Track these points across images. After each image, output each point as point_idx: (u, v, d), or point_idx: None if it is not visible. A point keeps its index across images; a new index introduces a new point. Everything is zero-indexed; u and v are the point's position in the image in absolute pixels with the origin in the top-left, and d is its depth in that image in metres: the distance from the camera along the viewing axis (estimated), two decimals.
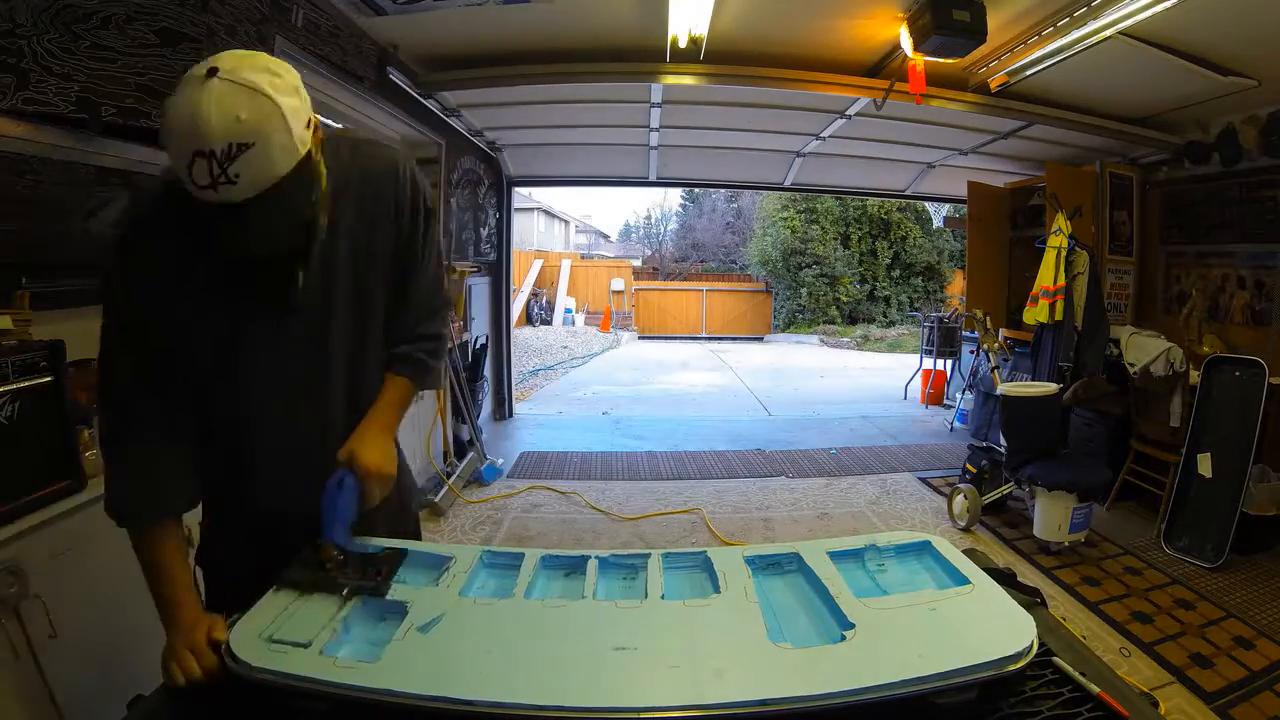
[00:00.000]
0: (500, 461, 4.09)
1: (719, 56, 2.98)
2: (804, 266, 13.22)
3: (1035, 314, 3.62)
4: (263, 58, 0.74)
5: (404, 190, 0.96)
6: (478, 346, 4.60)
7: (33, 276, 1.58)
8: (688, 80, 3.08)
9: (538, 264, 14.05)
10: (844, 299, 13.45)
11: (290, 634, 0.76)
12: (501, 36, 2.91)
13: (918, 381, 6.66)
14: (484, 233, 4.89)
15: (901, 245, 13.54)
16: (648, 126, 4.03)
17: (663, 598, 0.84)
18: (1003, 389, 3.15)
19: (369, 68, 2.77)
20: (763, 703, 0.64)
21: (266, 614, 0.78)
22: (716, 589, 0.85)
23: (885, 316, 13.63)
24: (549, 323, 13.23)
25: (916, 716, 0.64)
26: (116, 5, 1.43)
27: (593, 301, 14.20)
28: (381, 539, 0.95)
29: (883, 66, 3.08)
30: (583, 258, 16.44)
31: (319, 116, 0.82)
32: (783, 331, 13.47)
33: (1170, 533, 2.97)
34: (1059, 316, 3.52)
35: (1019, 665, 0.69)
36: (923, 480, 4.01)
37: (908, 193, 5.78)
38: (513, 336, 5.68)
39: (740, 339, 13.31)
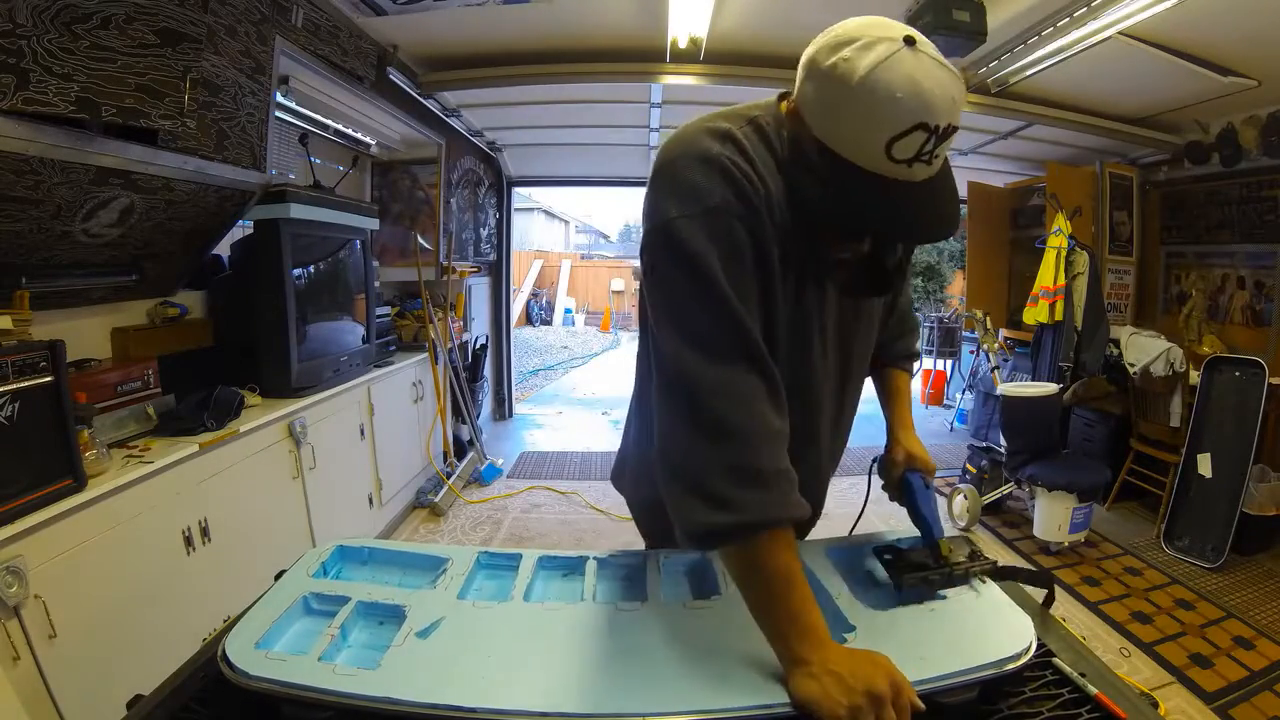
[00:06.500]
0: (500, 461, 4.09)
1: (719, 57, 2.97)
2: None
3: (1035, 314, 3.62)
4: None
5: None
6: (478, 346, 4.60)
7: (33, 276, 1.59)
8: (688, 80, 3.07)
9: (538, 264, 14.04)
10: None
11: (287, 640, 0.76)
12: (501, 36, 2.91)
13: (918, 381, 6.66)
14: (484, 233, 4.89)
15: None
16: (648, 127, 4.02)
17: (663, 599, 0.84)
18: (1003, 389, 3.15)
19: (369, 68, 2.77)
20: (766, 707, 0.64)
21: (262, 619, 0.77)
22: (717, 590, 0.85)
23: None
24: (549, 323, 13.23)
25: (918, 717, 0.64)
26: (116, 5, 1.43)
27: (593, 302, 14.17)
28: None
29: None
30: (583, 258, 16.40)
31: None
32: None
33: (1170, 533, 2.97)
34: (1059, 316, 3.53)
35: (1017, 665, 0.69)
36: None
37: None
38: (513, 337, 5.68)
39: None
